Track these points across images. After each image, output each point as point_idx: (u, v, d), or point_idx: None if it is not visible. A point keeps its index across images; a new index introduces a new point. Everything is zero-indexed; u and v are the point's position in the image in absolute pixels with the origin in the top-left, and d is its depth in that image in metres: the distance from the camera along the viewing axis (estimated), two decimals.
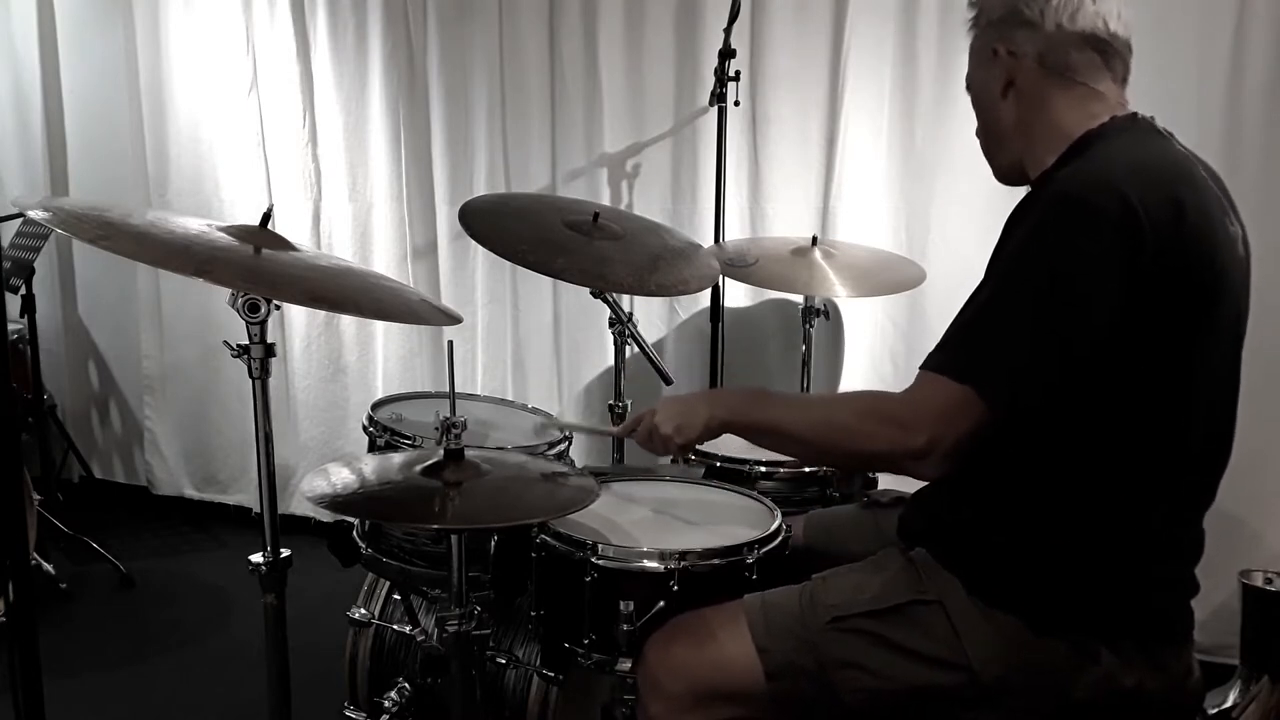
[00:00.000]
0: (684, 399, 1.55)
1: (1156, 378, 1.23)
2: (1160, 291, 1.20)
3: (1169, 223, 1.19)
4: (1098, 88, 1.35)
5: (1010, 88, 1.39)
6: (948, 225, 2.66)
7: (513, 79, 3.04)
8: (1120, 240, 1.18)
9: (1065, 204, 1.22)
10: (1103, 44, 1.35)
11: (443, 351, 3.14)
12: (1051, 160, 1.35)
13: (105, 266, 3.70)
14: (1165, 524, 1.30)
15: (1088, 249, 1.19)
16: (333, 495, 1.44)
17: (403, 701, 1.93)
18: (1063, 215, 1.22)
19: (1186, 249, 1.21)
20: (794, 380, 2.67)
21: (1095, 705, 1.28)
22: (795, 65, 2.76)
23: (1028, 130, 1.39)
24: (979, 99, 1.46)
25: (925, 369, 1.29)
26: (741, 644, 1.39)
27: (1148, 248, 1.18)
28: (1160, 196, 1.20)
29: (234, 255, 1.50)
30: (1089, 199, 1.20)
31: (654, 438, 1.52)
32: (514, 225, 2.18)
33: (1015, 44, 1.37)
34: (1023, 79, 1.38)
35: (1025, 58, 1.36)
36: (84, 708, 2.48)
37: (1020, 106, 1.39)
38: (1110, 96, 1.36)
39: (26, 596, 1.41)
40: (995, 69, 1.40)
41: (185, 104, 3.46)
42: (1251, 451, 1.47)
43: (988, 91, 1.43)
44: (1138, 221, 1.18)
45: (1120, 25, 1.36)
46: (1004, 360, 1.24)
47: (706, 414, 1.48)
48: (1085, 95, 1.35)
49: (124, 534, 3.49)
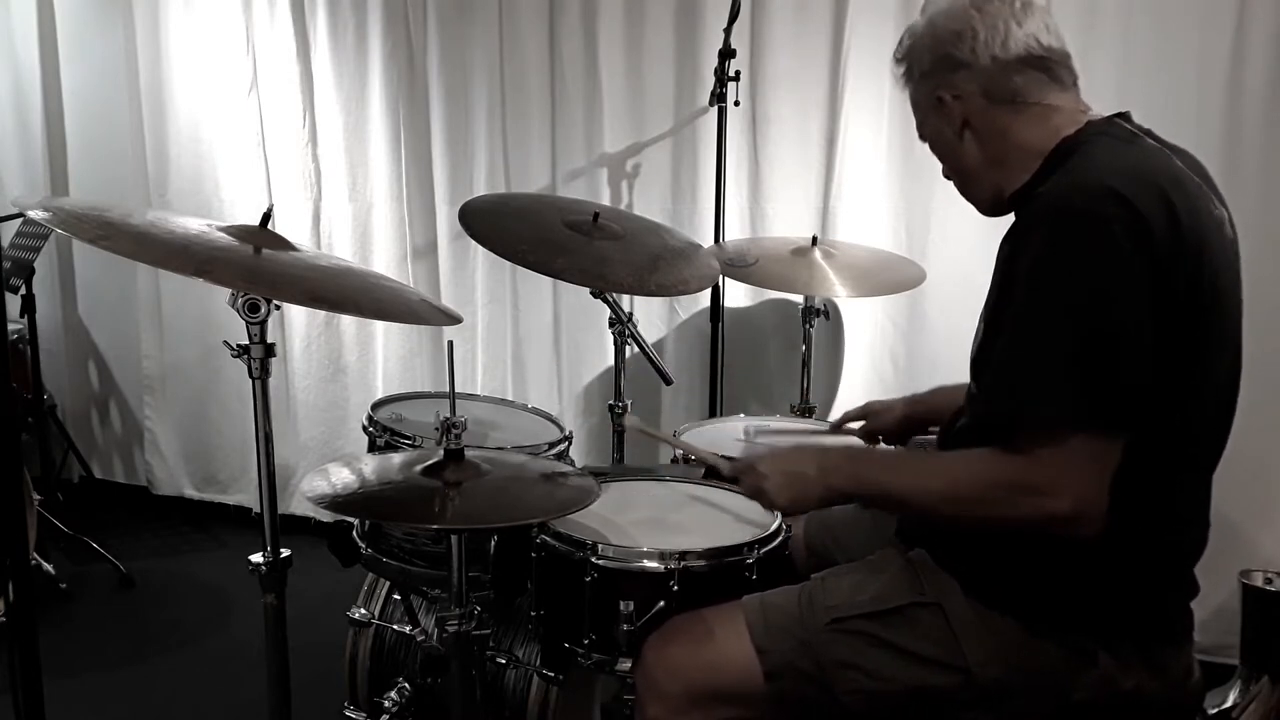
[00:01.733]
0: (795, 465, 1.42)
1: (1157, 377, 1.23)
2: (1161, 292, 1.19)
3: (1166, 221, 1.19)
4: (1051, 102, 1.35)
5: (966, 128, 1.39)
6: (948, 225, 2.65)
7: (513, 79, 3.04)
8: (1135, 244, 1.17)
9: (1071, 218, 1.20)
10: (1041, 61, 1.35)
11: (443, 351, 3.14)
12: (1027, 177, 1.35)
13: (105, 266, 3.70)
14: (1164, 525, 1.29)
15: (1108, 258, 1.17)
16: (333, 495, 1.44)
17: (403, 701, 1.93)
18: (1074, 230, 1.19)
19: (1183, 248, 1.20)
20: (794, 380, 2.67)
21: (1094, 706, 1.28)
22: (795, 65, 2.76)
23: (996, 160, 1.39)
24: (937, 146, 1.46)
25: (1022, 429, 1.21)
26: (740, 645, 1.39)
27: (1158, 248, 1.18)
28: (1154, 197, 1.20)
29: (234, 255, 1.50)
30: (1089, 208, 1.19)
31: (761, 499, 1.46)
32: (514, 225, 2.18)
33: (957, 87, 1.37)
34: (975, 118, 1.38)
35: (971, 97, 1.37)
36: (84, 708, 2.48)
37: (981, 142, 1.39)
38: (1067, 105, 1.36)
39: (26, 596, 1.41)
40: (945, 116, 1.40)
41: (185, 104, 3.46)
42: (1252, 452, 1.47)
43: (944, 138, 1.43)
44: (1143, 219, 1.17)
45: (1052, 37, 1.36)
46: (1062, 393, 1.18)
47: (821, 488, 1.39)
48: (1042, 112, 1.35)
49: (124, 534, 3.49)
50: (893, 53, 1.47)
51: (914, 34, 1.43)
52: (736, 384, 2.83)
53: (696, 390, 2.93)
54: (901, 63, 1.45)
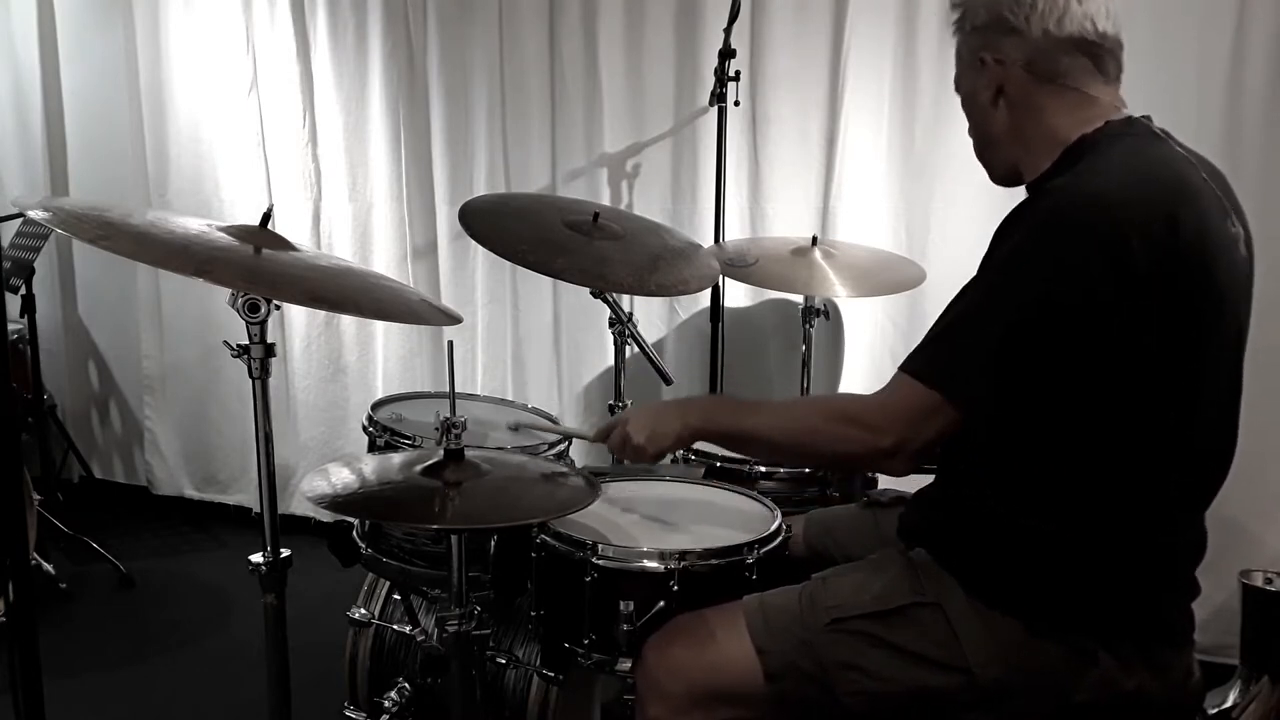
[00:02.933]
0: (656, 407, 1.56)
1: (1157, 385, 1.23)
2: (1157, 303, 1.19)
3: (1163, 236, 1.19)
4: (1090, 91, 1.34)
5: (1000, 95, 1.37)
6: (948, 225, 2.66)
7: (513, 79, 3.04)
8: (1103, 254, 1.17)
9: (1052, 218, 1.22)
10: (1092, 46, 1.33)
11: (443, 351, 3.14)
12: (1047, 165, 1.34)
13: (105, 266, 3.70)
14: (1164, 527, 1.29)
15: (1067, 261, 1.19)
16: (333, 495, 1.44)
17: (403, 701, 1.93)
18: (1048, 229, 1.22)
19: (1183, 260, 1.20)
20: (794, 380, 2.67)
21: (1095, 707, 1.28)
22: (795, 65, 2.76)
23: (1021, 136, 1.38)
24: (969, 104, 1.45)
25: (901, 370, 1.31)
26: (741, 645, 1.39)
27: (1138, 264, 1.17)
28: (1153, 209, 1.20)
29: (234, 255, 1.50)
30: (1077, 215, 1.20)
31: (626, 446, 1.53)
32: (514, 225, 2.18)
33: (1002, 52, 1.35)
34: (1012, 87, 1.36)
35: (1013, 65, 1.34)
36: (84, 708, 2.48)
37: (1012, 113, 1.38)
38: (1104, 99, 1.34)
39: (26, 596, 1.41)
40: (983, 77, 1.38)
41: (185, 104, 3.46)
42: (1252, 453, 1.46)
43: (977, 98, 1.41)
44: (1126, 238, 1.17)
45: (1109, 23, 1.33)
46: (971, 365, 1.25)
47: (679, 423, 1.50)
48: (1078, 100, 1.33)
49: (124, 534, 3.49)
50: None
51: None
52: (736, 384, 2.83)
53: (696, 390, 2.93)
54: (957, 9, 1.42)
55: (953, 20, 1.44)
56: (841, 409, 1.38)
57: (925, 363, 1.29)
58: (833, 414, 1.39)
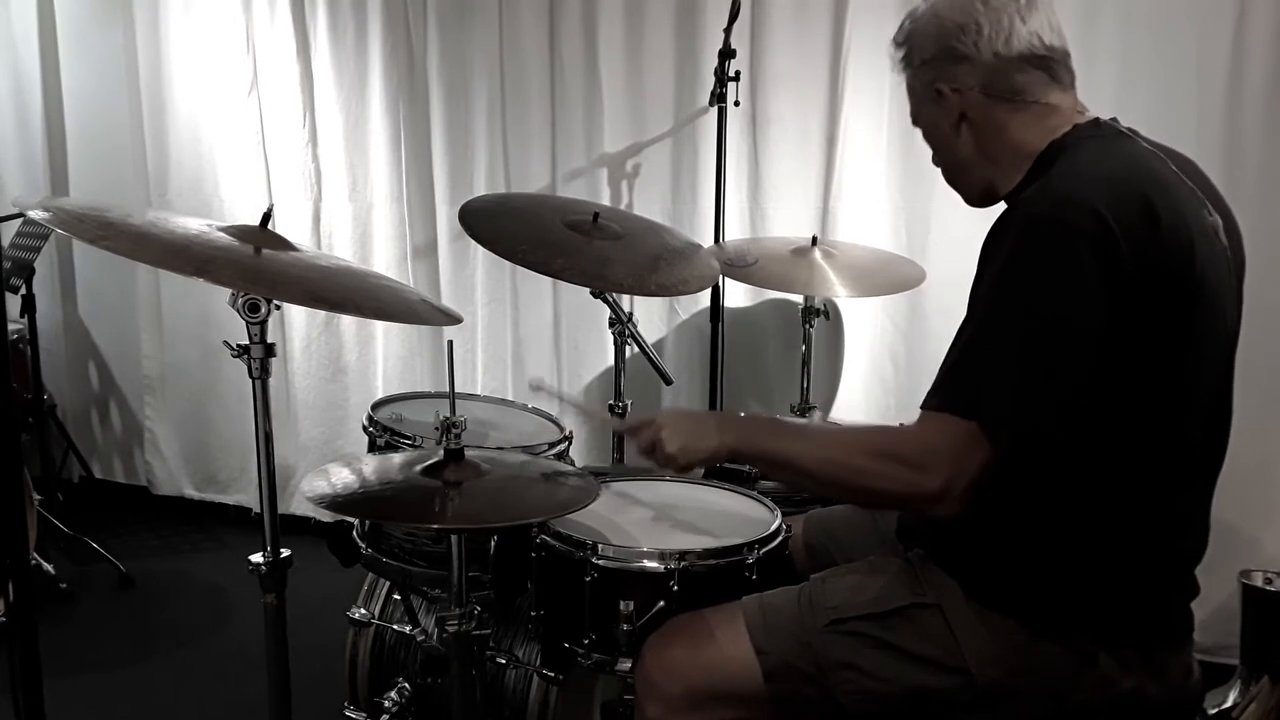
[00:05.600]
0: (695, 418, 1.52)
1: (1149, 382, 1.23)
2: (1144, 299, 1.19)
3: (1143, 229, 1.19)
4: (1050, 101, 1.34)
5: (963, 121, 1.38)
6: (948, 225, 2.65)
7: (513, 79, 3.04)
8: (1096, 255, 1.17)
9: (1037, 226, 1.21)
10: (1043, 60, 1.33)
11: (443, 351, 3.14)
12: (1020, 176, 1.35)
13: (105, 266, 3.69)
14: (1163, 525, 1.29)
15: (1064, 268, 1.18)
16: (333, 495, 1.44)
17: (403, 701, 1.93)
18: (1036, 238, 1.21)
19: (1165, 252, 1.20)
20: (794, 380, 2.67)
21: (1094, 708, 1.28)
22: (795, 65, 2.76)
23: (989, 156, 1.38)
24: (931, 136, 1.45)
25: (927, 409, 1.26)
26: (740, 645, 1.39)
27: (1125, 258, 1.17)
28: (1131, 204, 1.20)
29: (234, 255, 1.50)
30: (1060, 217, 1.19)
31: (656, 451, 1.47)
32: (514, 225, 2.18)
33: (957, 80, 1.36)
34: (973, 111, 1.37)
35: (970, 91, 1.35)
36: (84, 708, 2.48)
37: (976, 136, 1.38)
38: (1064, 106, 1.35)
39: (26, 596, 1.41)
40: (942, 107, 1.39)
41: (185, 104, 3.46)
42: (1252, 453, 1.47)
43: (939, 128, 1.41)
44: (1111, 233, 1.17)
45: (1055, 36, 1.34)
46: (1002, 392, 1.21)
47: (716, 439, 1.43)
48: (1040, 111, 1.34)
49: (124, 534, 3.50)
50: (892, 36, 1.46)
51: (916, 20, 1.41)
52: (736, 384, 2.83)
53: (696, 390, 2.93)
54: (901, 47, 1.43)
55: (898, 58, 1.44)
56: (887, 446, 1.31)
57: (953, 395, 1.24)
58: (878, 451, 1.30)
